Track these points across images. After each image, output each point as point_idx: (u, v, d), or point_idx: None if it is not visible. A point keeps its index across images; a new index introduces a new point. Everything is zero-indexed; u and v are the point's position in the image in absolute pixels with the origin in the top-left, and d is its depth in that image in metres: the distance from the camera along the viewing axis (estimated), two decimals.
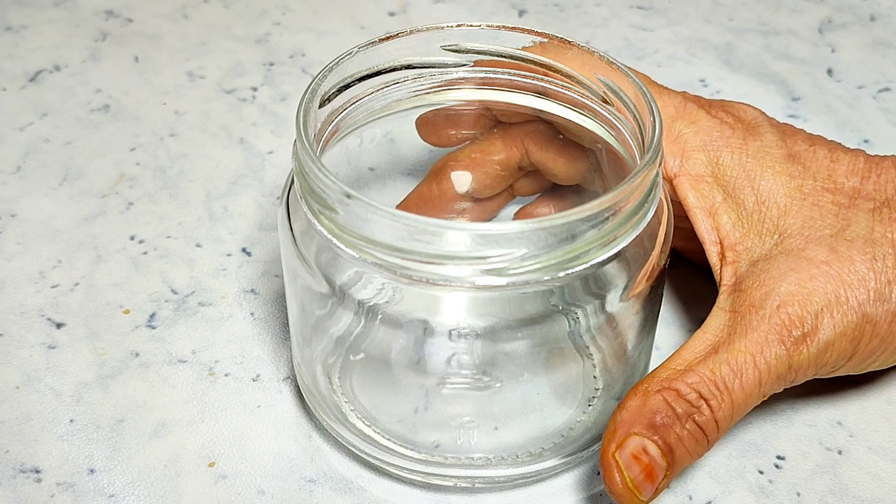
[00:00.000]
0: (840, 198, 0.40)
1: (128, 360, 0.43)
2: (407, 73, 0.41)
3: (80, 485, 0.39)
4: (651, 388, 0.37)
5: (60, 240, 0.48)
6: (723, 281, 0.39)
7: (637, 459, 0.36)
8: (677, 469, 0.37)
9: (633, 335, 0.38)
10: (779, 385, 0.38)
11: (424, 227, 0.33)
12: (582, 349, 0.39)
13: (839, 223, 0.39)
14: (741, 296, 0.38)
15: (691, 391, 0.37)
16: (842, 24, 0.63)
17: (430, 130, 0.44)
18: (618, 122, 0.39)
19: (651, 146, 0.35)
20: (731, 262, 0.39)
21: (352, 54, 0.38)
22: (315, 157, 0.34)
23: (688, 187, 0.40)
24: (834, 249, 0.38)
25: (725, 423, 0.38)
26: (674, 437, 0.37)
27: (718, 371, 0.37)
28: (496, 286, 0.33)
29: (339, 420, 0.39)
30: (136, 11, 0.62)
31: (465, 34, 0.40)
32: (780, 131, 0.41)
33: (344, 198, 0.33)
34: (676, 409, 0.37)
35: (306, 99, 0.36)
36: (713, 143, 0.40)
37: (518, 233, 0.33)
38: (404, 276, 0.33)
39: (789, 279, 0.38)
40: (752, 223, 0.40)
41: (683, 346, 0.38)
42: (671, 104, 0.41)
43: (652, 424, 0.37)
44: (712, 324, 0.38)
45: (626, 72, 0.37)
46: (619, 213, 0.34)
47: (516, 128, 0.44)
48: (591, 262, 0.34)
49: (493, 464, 0.38)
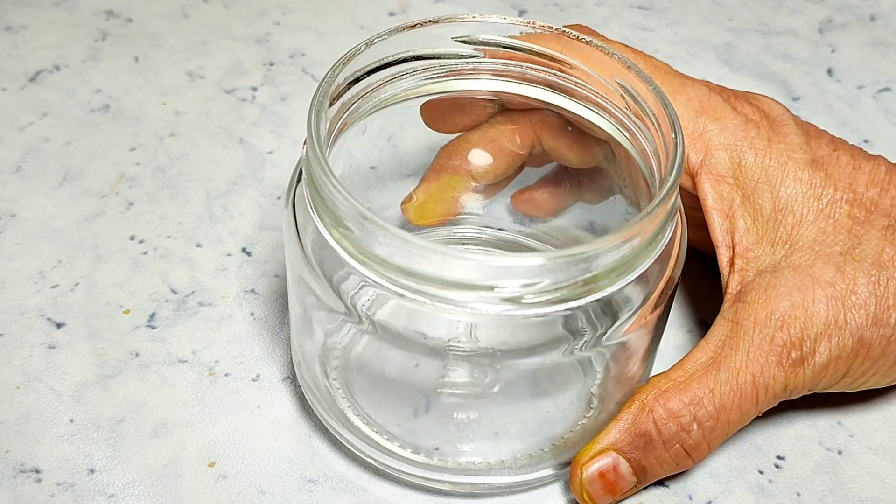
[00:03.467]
0: (857, 210, 0.39)
1: (128, 360, 0.43)
2: (416, 63, 0.40)
3: (80, 485, 0.39)
4: (647, 403, 0.37)
5: (60, 240, 0.48)
6: (729, 288, 0.39)
7: (602, 476, 0.38)
8: (648, 482, 0.39)
9: (640, 354, 0.38)
10: (774, 403, 0.39)
11: (442, 255, 0.32)
12: (586, 367, 0.39)
13: (851, 240, 0.39)
14: (745, 308, 0.38)
15: (686, 413, 0.37)
16: (842, 24, 0.63)
17: (435, 117, 0.44)
18: (633, 125, 0.38)
19: (673, 168, 0.34)
20: (739, 270, 0.39)
21: (360, 50, 0.37)
22: (329, 172, 0.33)
23: (708, 187, 0.40)
24: (841, 269, 0.38)
25: (717, 441, 0.38)
26: (652, 459, 0.38)
27: (719, 392, 0.37)
28: (512, 315, 0.33)
29: (340, 420, 0.39)
30: (136, 11, 0.62)
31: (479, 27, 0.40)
32: (804, 132, 0.41)
33: (360, 218, 0.33)
34: (664, 432, 0.37)
35: (316, 105, 0.35)
36: (738, 143, 0.40)
37: (538, 266, 0.32)
38: (417, 300, 0.33)
39: (794, 299, 0.38)
40: (767, 230, 0.39)
41: (686, 357, 0.38)
42: (696, 97, 0.41)
43: (634, 445, 0.37)
44: (715, 334, 0.38)
45: (647, 79, 0.37)
46: (638, 241, 0.33)
47: (527, 115, 0.43)
48: (608, 290, 0.33)
49: (492, 470, 0.38)
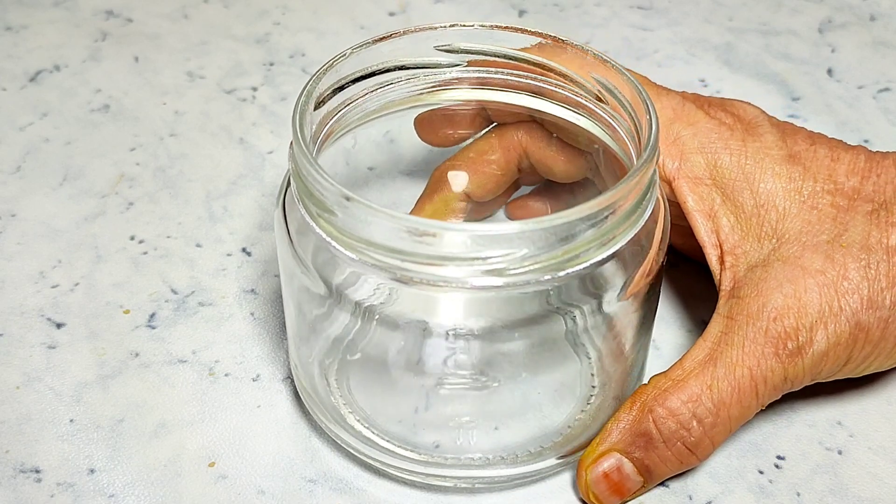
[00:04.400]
0: (839, 199, 0.39)
1: (128, 360, 0.43)
2: (401, 73, 0.41)
3: (80, 485, 0.39)
4: (647, 403, 0.38)
5: (60, 240, 0.48)
6: (722, 285, 0.39)
7: (607, 477, 0.38)
8: (656, 482, 0.38)
9: (630, 334, 0.38)
10: (776, 395, 0.38)
11: (424, 228, 0.33)
12: (579, 349, 0.40)
13: (836, 228, 0.39)
14: (739, 303, 0.38)
15: (685, 411, 0.37)
16: (842, 24, 0.63)
17: (427, 130, 0.44)
18: (614, 121, 0.39)
19: (648, 145, 0.35)
20: (730, 267, 0.39)
21: (346, 55, 0.38)
22: (312, 159, 0.34)
23: (686, 190, 0.40)
24: (829, 257, 0.38)
25: (720, 437, 0.38)
26: (655, 458, 0.38)
27: (716, 388, 0.37)
28: (495, 286, 0.33)
29: (338, 422, 0.39)
30: (136, 11, 0.62)
31: (459, 34, 0.40)
32: (780, 131, 0.41)
33: (343, 200, 0.33)
34: (664, 431, 0.37)
35: (302, 101, 0.36)
36: (711, 144, 0.40)
37: (517, 233, 0.33)
38: (403, 277, 0.33)
39: (785, 290, 0.38)
40: (751, 226, 0.39)
41: (685, 355, 0.38)
42: (669, 105, 0.41)
43: (636, 445, 0.38)
44: (711, 331, 0.39)
45: (622, 70, 0.37)
46: (617, 212, 0.34)
47: (513, 129, 0.44)
48: (589, 261, 0.34)
49: (493, 464, 0.38)
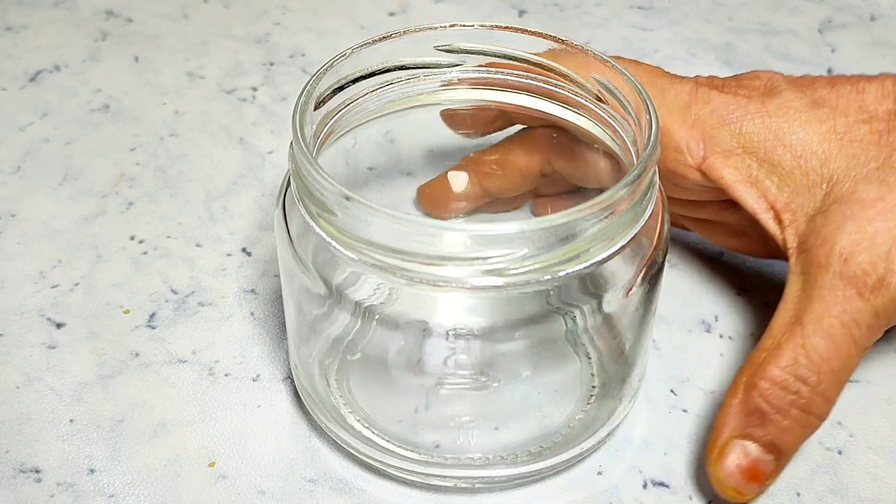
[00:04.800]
0: (877, 125, 0.39)
1: (128, 360, 0.43)
2: (401, 73, 0.41)
3: (80, 485, 0.39)
4: (749, 381, 0.37)
5: (60, 240, 0.48)
6: (788, 244, 0.39)
7: (738, 467, 0.37)
8: (789, 455, 0.37)
9: (630, 334, 0.38)
10: (874, 334, 0.37)
11: (424, 228, 0.33)
12: (579, 349, 0.40)
13: (883, 151, 0.38)
14: (808, 256, 0.38)
15: (787, 375, 0.36)
16: (842, 24, 0.63)
17: (456, 123, 0.44)
18: (614, 121, 0.39)
19: (648, 145, 0.35)
20: (790, 224, 0.39)
21: (346, 55, 0.38)
22: (312, 159, 0.34)
23: (720, 165, 0.40)
24: (884, 181, 0.37)
25: (832, 391, 0.37)
26: (776, 431, 0.36)
27: (810, 345, 0.36)
28: (495, 286, 0.33)
29: (338, 422, 0.39)
30: (136, 11, 0.62)
31: (459, 34, 0.40)
32: (797, 85, 0.41)
33: (343, 200, 0.33)
34: (774, 402, 0.36)
35: (302, 101, 0.36)
36: (731, 115, 0.40)
37: (517, 233, 0.33)
38: (403, 277, 0.33)
39: (848, 228, 0.37)
40: (796, 179, 0.39)
41: (771, 322, 0.38)
42: (684, 90, 0.41)
43: (752, 424, 0.36)
44: (790, 291, 0.38)
45: (622, 70, 0.37)
46: (617, 212, 0.34)
47: (538, 135, 0.44)
48: (589, 261, 0.34)
49: (493, 464, 0.38)
